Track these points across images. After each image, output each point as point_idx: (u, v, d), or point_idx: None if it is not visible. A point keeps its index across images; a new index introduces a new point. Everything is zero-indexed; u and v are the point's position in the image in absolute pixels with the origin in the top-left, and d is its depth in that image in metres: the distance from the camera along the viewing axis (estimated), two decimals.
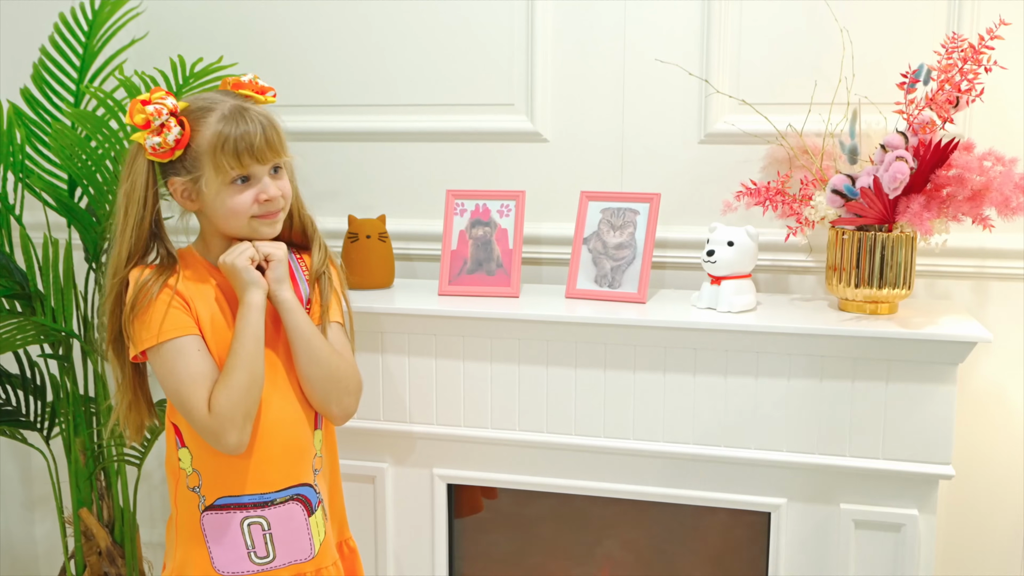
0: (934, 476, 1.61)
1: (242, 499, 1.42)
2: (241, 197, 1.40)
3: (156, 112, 1.36)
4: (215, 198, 1.40)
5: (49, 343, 1.98)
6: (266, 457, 1.43)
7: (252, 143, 1.38)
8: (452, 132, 2.08)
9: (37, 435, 2.13)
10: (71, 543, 2.12)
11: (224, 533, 1.42)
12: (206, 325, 1.42)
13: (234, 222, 1.42)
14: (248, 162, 1.39)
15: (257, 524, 1.43)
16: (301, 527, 1.46)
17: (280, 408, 1.45)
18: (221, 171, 1.38)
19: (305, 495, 1.46)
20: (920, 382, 1.60)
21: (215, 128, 1.37)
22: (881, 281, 1.67)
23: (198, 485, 1.43)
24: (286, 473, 1.45)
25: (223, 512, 1.42)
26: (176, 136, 1.36)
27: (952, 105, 1.61)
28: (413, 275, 2.12)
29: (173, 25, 2.16)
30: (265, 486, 1.43)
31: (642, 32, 1.94)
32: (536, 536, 1.92)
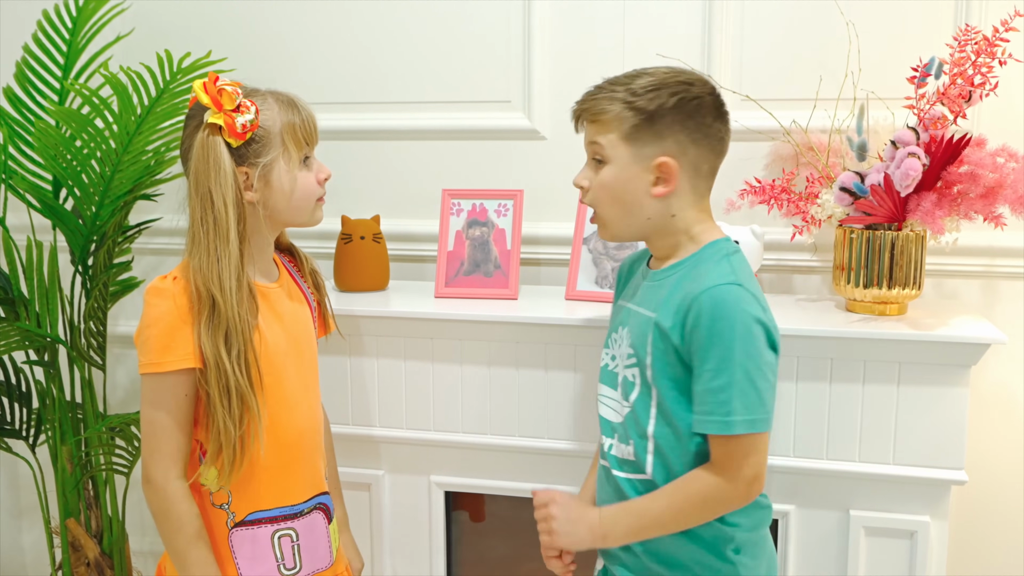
0: (946, 482, 1.57)
1: (273, 512, 1.40)
2: (310, 176, 1.41)
3: (234, 92, 1.32)
4: (289, 180, 1.38)
5: (34, 349, 1.93)
6: (297, 469, 1.42)
7: (315, 124, 1.41)
8: (447, 130, 2.04)
9: (23, 444, 2.08)
10: (58, 554, 2.07)
11: (254, 548, 1.39)
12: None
13: (304, 205, 1.41)
14: (312, 141, 1.41)
15: (287, 536, 1.41)
16: (323, 535, 1.45)
17: (307, 418, 1.45)
18: (299, 148, 1.38)
19: (325, 503, 1.47)
20: (932, 385, 1.55)
21: (280, 110, 1.36)
22: (891, 281, 1.63)
23: (227, 502, 1.38)
24: (311, 483, 1.45)
25: (253, 527, 1.39)
26: (253, 115, 1.33)
27: (965, 100, 1.57)
28: (408, 277, 2.08)
29: (159, 21, 2.12)
30: (295, 497, 1.42)
31: (642, 26, 1.91)
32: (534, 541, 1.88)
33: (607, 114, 1.29)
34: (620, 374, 1.35)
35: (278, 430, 1.38)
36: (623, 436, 1.34)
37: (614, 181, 1.30)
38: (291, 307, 1.45)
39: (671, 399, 1.28)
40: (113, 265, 1.93)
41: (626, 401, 1.33)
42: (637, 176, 1.29)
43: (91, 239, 1.89)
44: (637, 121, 1.27)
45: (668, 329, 1.26)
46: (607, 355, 1.40)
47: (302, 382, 1.44)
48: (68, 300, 1.97)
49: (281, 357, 1.40)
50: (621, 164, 1.29)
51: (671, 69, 1.32)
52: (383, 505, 1.85)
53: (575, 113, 1.35)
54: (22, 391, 2.06)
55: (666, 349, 1.27)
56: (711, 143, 1.31)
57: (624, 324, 1.36)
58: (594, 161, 1.33)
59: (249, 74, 1.70)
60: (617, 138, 1.29)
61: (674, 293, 1.28)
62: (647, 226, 1.33)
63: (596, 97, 1.31)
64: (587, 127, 1.34)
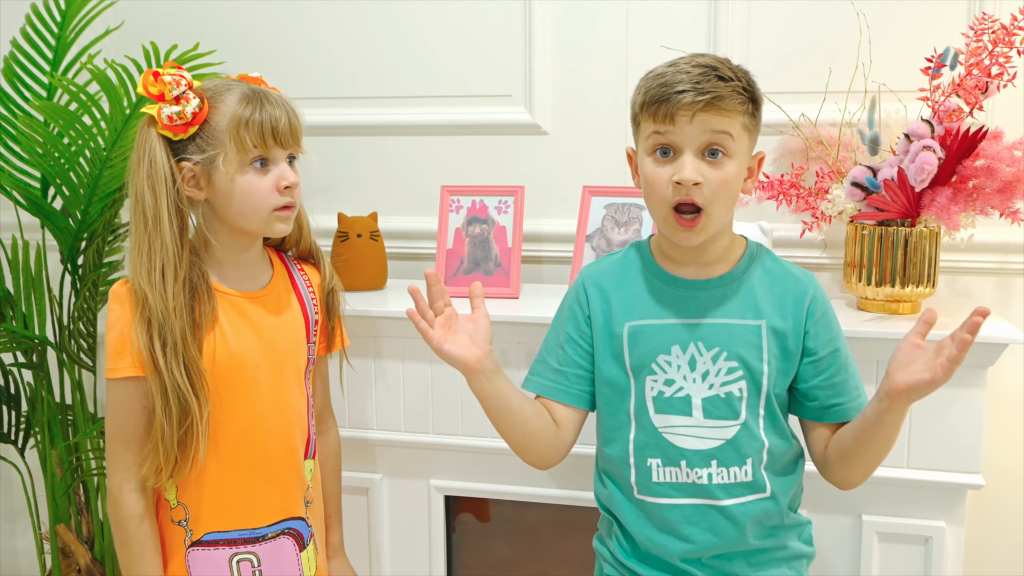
0: (962, 486, 1.53)
1: (231, 534, 1.34)
2: (261, 182, 1.29)
3: (174, 82, 1.26)
4: (231, 182, 1.28)
5: (21, 351, 1.88)
6: (261, 490, 1.35)
7: (278, 123, 1.29)
8: (446, 125, 2.00)
9: (12, 448, 2.04)
10: (49, 560, 2.03)
11: (211, 570, 1.34)
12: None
13: (251, 213, 1.30)
14: (271, 143, 1.29)
15: (247, 561, 1.34)
16: (292, 563, 1.38)
17: (278, 436, 1.37)
18: (243, 149, 1.27)
19: (297, 529, 1.39)
20: (948, 386, 1.46)
21: (237, 105, 1.28)
22: (904, 279, 1.58)
23: (184, 519, 1.33)
24: (278, 506, 1.37)
25: (211, 548, 1.33)
26: (195, 108, 1.26)
27: (981, 91, 1.52)
28: (407, 276, 2.04)
29: (150, 14, 2.09)
30: (256, 520, 1.35)
31: (646, 17, 1.87)
32: (535, 543, 1.85)
33: (736, 107, 1.19)
34: (714, 393, 1.25)
35: (240, 446, 1.33)
36: (731, 459, 1.26)
37: (737, 177, 1.22)
38: (275, 320, 1.38)
39: (780, 402, 1.28)
40: (103, 264, 1.89)
41: (733, 420, 1.25)
42: (744, 171, 1.24)
43: (80, 238, 1.84)
44: (754, 113, 1.23)
45: (787, 330, 1.25)
46: (656, 381, 1.28)
47: (275, 398, 1.36)
48: (57, 300, 1.93)
49: (251, 370, 1.33)
50: (741, 158, 1.22)
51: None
52: (381, 510, 1.81)
53: (691, 102, 1.17)
54: (10, 394, 2.02)
55: (782, 351, 1.25)
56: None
57: (690, 340, 1.26)
58: (703, 155, 1.20)
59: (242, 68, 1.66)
60: (743, 131, 1.21)
61: (774, 294, 1.27)
62: (723, 228, 1.27)
63: (721, 87, 1.17)
64: (706, 116, 1.18)
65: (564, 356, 1.35)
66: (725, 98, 1.18)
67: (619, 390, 1.30)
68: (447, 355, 1.23)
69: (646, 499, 1.28)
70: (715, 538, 1.26)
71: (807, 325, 1.26)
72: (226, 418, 1.31)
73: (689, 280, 1.29)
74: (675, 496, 1.27)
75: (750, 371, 1.25)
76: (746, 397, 1.25)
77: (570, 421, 1.35)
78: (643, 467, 1.28)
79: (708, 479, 1.25)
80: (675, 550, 1.27)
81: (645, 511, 1.29)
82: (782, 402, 1.29)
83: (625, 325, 1.30)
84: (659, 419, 1.27)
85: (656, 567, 1.30)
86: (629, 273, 1.33)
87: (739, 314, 1.26)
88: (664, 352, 1.27)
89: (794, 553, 1.32)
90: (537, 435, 1.32)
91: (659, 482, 1.27)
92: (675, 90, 1.18)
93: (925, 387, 1.11)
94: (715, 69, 1.19)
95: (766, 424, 1.27)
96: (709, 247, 1.27)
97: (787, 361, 1.26)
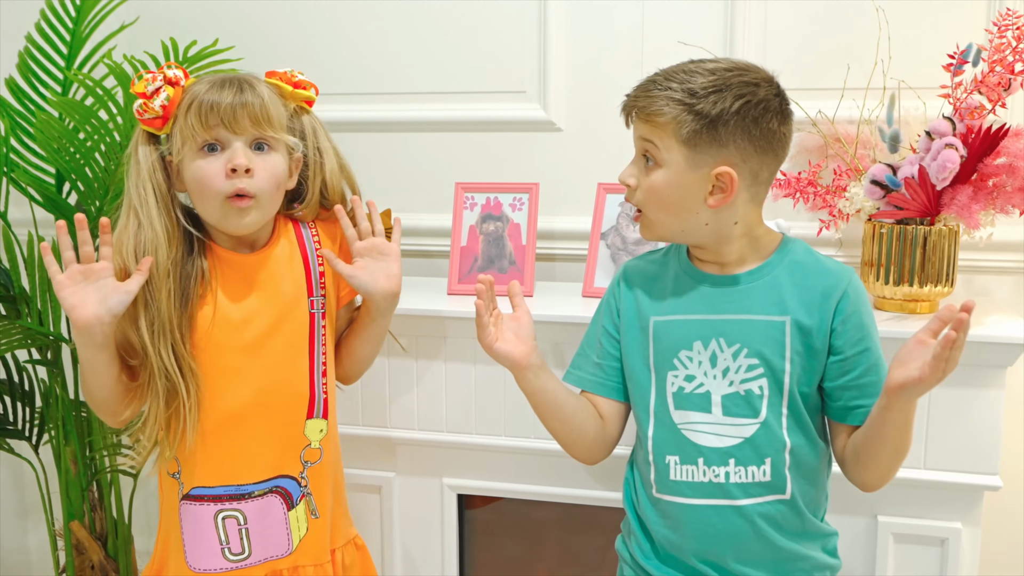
0: (979, 487, 1.52)
1: (216, 490, 1.34)
2: (209, 165, 1.26)
3: (152, 78, 1.26)
4: (187, 169, 1.27)
5: (36, 347, 1.89)
6: (246, 447, 1.34)
7: (220, 103, 1.24)
8: (460, 121, 1.99)
9: (26, 444, 2.04)
10: (62, 557, 2.04)
11: (198, 526, 1.34)
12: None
13: (204, 202, 1.28)
14: (214, 122, 1.24)
15: (232, 518, 1.34)
16: (279, 521, 1.37)
17: (266, 396, 1.35)
18: (186, 134, 1.25)
19: (285, 487, 1.37)
20: (966, 387, 1.50)
21: (203, 91, 1.26)
22: (922, 278, 1.57)
23: (177, 471, 1.34)
24: (267, 464, 1.36)
25: (197, 504, 1.34)
26: (163, 101, 1.25)
27: (1004, 88, 1.50)
28: (420, 273, 2.04)
29: (165, 9, 2.08)
30: (242, 477, 1.34)
31: (662, 13, 1.86)
32: (547, 542, 1.84)
33: (663, 115, 1.18)
34: (734, 390, 1.24)
35: (228, 404, 1.32)
36: (749, 458, 1.24)
37: (666, 186, 1.21)
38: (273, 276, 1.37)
39: (809, 401, 1.25)
40: None
41: (752, 418, 1.24)
42: (693, 184, 1.20)
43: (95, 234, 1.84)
44: (697, 126, 1.17)
45: (813, 327, 1.22)
46: (677, 376, 1.28)
47: (274, 356, 1.35)
48: None
49: (242, 330, 1.33)
50: (676, 170, 1.20)
51: (733, 64, 1.21)
52: (394, 508, 1.81)
53: (626, 107, 1.25)
54: (24, 390, 2.02)
55: (807, 349, 1.23)
56: (775, 149, 1.22)
57: (712, 336, 1.26)
58: (643, 158, 1.24)
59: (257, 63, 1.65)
60: (674, 142, 1.19)
61: (802, 288, 1.24)
62: (703, 232, 1.24)
63: (652, 94, 1.20)
64: (638, 123, 1.23)
65: (602, 350, 1.36)
66: (647, 108, 1.20)
67: (641, 385, 1.30)
68: (498, 352, 1.28)
69: (663, 497, 1.28)
70: (731, 538, 1.25)
71: (834, 322, 1.23)
72: (216, 376, 1.32)
73: (715, 275, 1.28)
74: (692, 496, 1.26)
75: (771, 368, 1.23)
76: (767, 395, 1.24)
77: (613, 414, 1.36)
78: (661, 464, 1.28)
79: (725, 478, 1.25)
80: (689, 549, 1.26)
81: (662, 510, 1.29)
82: (811, 401, 1.26)
83: (651, 319, 1.30)
84: (678, 415, 1.27)
85: (674, 568, 1.29)
86: (664, 269, 1.34)
87: (763, 310, 1.24)
88: (686, 348, 1.27)
89: (817, 564, 1.30)
90: (584, 429, 1.34)
91: (676, 480, 1.26)
92: (626, 94, 1.25)
93: (915, 385, 1.09)
94: (667, 77, 1.20)
95: (790, 423, 1.25)
96: (714, 250, 1.27)
97: (813, 359, 1.24)
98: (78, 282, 1.22)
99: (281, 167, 1.32)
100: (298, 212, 1.43)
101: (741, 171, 1.19)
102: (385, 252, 1.41)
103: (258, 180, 1.28)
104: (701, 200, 1.21)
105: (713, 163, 1.19)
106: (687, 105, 1.17)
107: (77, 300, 1.21)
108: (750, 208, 1.25)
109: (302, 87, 1.38)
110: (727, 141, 1.18)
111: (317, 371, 1.41)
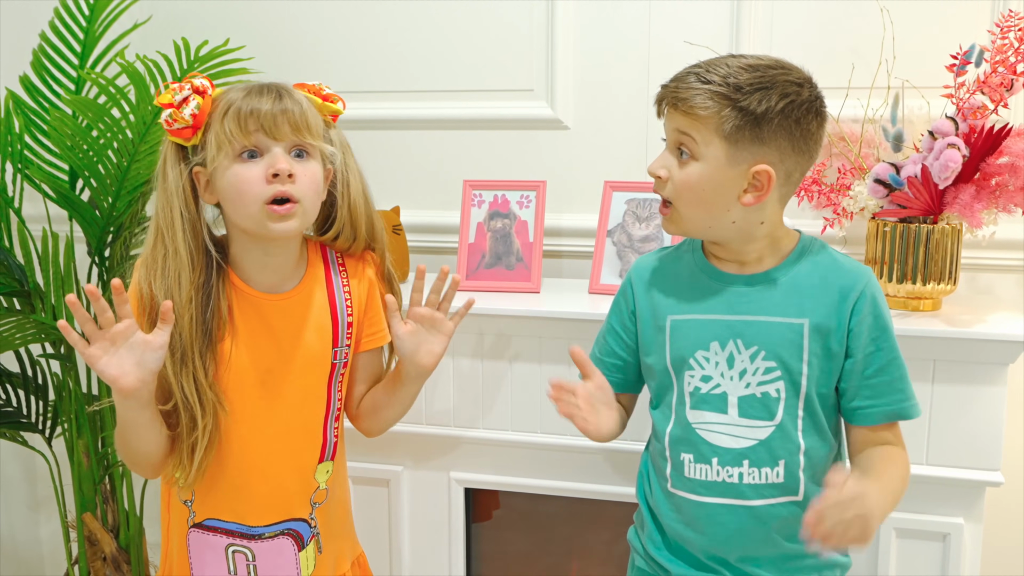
0: (981, 483, 1.53)
1: (229, 525, 1.33)
2: (249, 171, 1.22)
3: (178, 87, 1.22)
4: (223, 177, 1.22)
5: (50, 342, 1.91)
6: (257, 491, 1.32)
7: (260, 109, 1.21)
8: (469, 119, 2.01)
9: (39, 437, 2.07)
10: (75, 548, 2.06)
11: (208, 554, 1.33)
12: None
13: (242, 208, 1.22)
14: (253, 128, 1.21)
15: (242, 553, 1.33)
16: (289, 562, 1.36)
17: (280, 443, 1.33)
18: (223, 141, 1.21)
19: (297, 530, 1.36)
20: (968, 383, 1.51)
21: (238, 99, 1.22)
22: (925, 276, 1.58)
23: (190, 499, 1.33)
24: (279, 509, 1.34)
25: (209, 534, 1.33)
26: (193, 110, 1.21)
27: (1006, 88, 1.52)
28: (428, 269, 2.02)
29: (177, 8, 2.10)
30: (252, 519, 1.33)
31: (669, 13, 1.87)
32: (554, 536, 1.86)
33: (706, 109, 1.15)
34: (751, 392, 1.23)
35: (243, 448, 1.30)
36: (763, 459, 1.23)
37: (702, 181, 1.18)
38: (296, 324, 1.33)
39: (826, 402, 1.24)
40: (130, 256, 1.91)
41: (768, 421, 1.23)
42: (729, 180, 1.17)
43: (108, 230, 1.87)
44: (741, 123, 1.14)
45: (831, 328, 1.21)
46: (693, 376, 1.26)
47: (284, 405, 1.32)
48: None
49: (262, 376, 1.30)
50: (714, 165, 1.17)
51: (775, 62, 1.19)
52: (402, 501, 1.82)
53: (661, 97, 1.21)
54: (38, 384, 2.05)
55: (824, 351, 1.21)
56: (810, 150, 1.21)
57: (730, 338, 1.24)
58: (677, 150, 1.20)
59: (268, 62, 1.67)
60: (715, 136, 1.16)
61: (820, 289, 1.22)
62: (729, 230, 1.22)
63: (693, 86, 1.16)
64: (675, 115, 1.19)
65: (605, 346, 1.37)
66: (687, 100, 1.16)
67: (664, 383, 1.30)
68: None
69: (678, 493, 1.28)
70: (742, 537, 1.25)
71: (852, 323, 1.21)
72: (233, 420, 1.29)
73: (733, 275, 1.26)
74: (705, 494, 1.25)
75: (788, 371, 1.22)
76: (784, 398, 1.22)
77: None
78: (677, 461, 1.28)
79: (739, 478, 1.24)
80: (699, 544, 1.27)
81: (676, 504, 1.29)
82: (829, 402, 1.25)
83: (668, 318, 1.29)
84: (694, 415, 1.26)
85: (684, 561, 1.30)
86: (678, 266, 1.32)
87: (781, 312, 1.23)
88: (703, 348, 1.25)
89: (826, 562, 1.29)
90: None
91: (691, 478, 1.26)
92: (662, 83, 1.22)
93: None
94: (708, 70, 1.17)
95: (806, 426, 1.23)
96: (734, 248, 1.25)
97: (830, 360, 1.22)
98: (109, 350, 1.16)
99: (320, 175, 1.28)
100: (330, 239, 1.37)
101: (778, 170, 1.18)
102: (439, 328, 1.38)
103: (300, 186, 1.24)
104: (734, 197, 1.19)
105: (752, 160, 1.17)
106: (731, 100, 1.14)
107: (116, 370, 1.16)
108: (777, 208, 1.23)
109: (331, 100, 1.35)
110: (768, 140, 1.16)
111: (331, 417, 1.39)
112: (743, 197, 1.19)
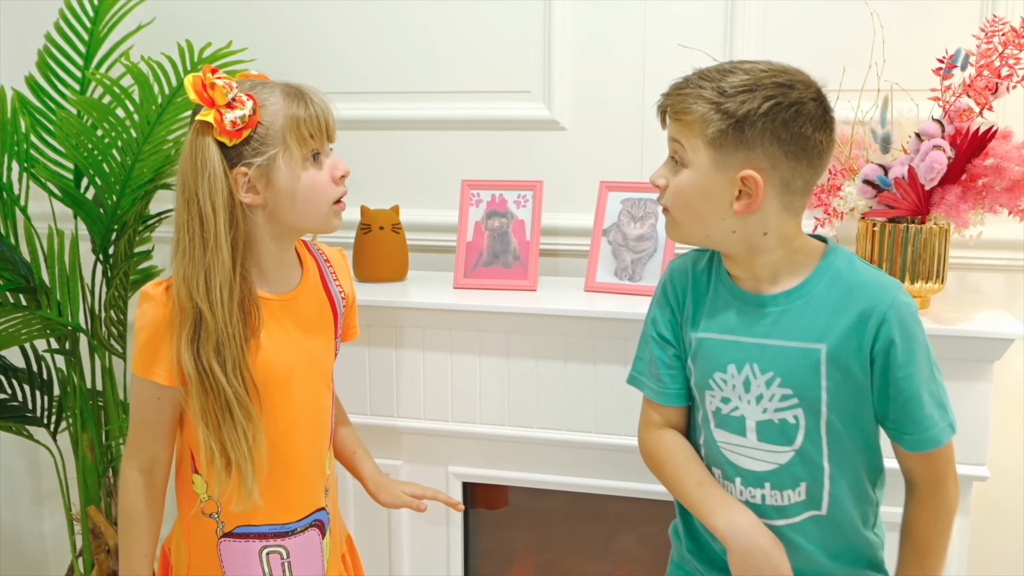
0: (968, 478, 1.55)
1: (262, 528, 1.35)
2: (320, 175, 1.28)
3: (228, 85, 1.22)
4: (295, 180, 1.25)
5: (55, 337, 1.94)
6: (294, 487, 1.36)
7: (328, 116, 1.29)
8: (467, 120, 2.03)
9: (44, 431, 2.10)
10: (79, 541, 2.09)
11: (241, 561, 1.36)
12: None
13: (314, 208, 1.28)
14: (323, 136, 1.28)
15: (276, 553, 1.36)
16: (316, 551, 1.40)
17: (313, 434, 1.38)
18: (304, 144, 1.25)
19: (321, 519, 1.41)
20: (954, 380, 1.53)
21: (286, 103, 1.25)
22: (913, 275, 1.61)
23: (216, 512, 1.35)
24: (307, 502, 1.38)
25: (241, 540, 1.35)
26: (249, 111, 1.22)
27: (991, 91, 1.54)
28: (427, 268, 2.08)
29: (180, 11, 2.12)
30: (289, 515, 1.36)
31: (663, 16, 1.89)
32: (551, 532, 1.88)
33: (691, 113, 1.13)
34: (768, 418, 1.20)
35: (273, 449, 1.31)
36: (785, 483, 1.21)
37: (691, 188, 1.16)
38: (307, 321, 1.37)
39: (846, 422, 1.19)
40: (134, 254, 1.94)
41: (787, 446, 1.20)
42: (718, 186, 1.15)
43: (112, 228, 1.89)
44: (723, 126, 1.12)
45: (850, 352, 1.16)
46: (714, 397, 1.24)
47: (307, 401, 1.36)
48: (89, 289, 1.98)
49: (286, 375, 1.33)
50: (701, 171, 1.15)
51: (772, 66, 1.15)
52: None
53: (660, 107, 1.20)
54: (43, 379, 2.07)
55: (845, 376, 1.17)
56: (809, 157, 1.14)
57: (746, 361, 1.21)
58: (672, 160, 1.19)
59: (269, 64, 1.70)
60: (700, 142, 1.14)
61: (839, 312, 1.16)
62: (731, 240, 1.18)
63: (683, 92, 1.15)
64: (670, 123, 1.19)
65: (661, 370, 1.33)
66: (679, 108, 1.16)
67: (693, 398, 1.31)
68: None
69: None
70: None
71: (874, 351, 1.16)
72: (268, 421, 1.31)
73: (752, 294, 1.22)
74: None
75: (806, 399, 1.18)
76: (803, 424, 1.19)
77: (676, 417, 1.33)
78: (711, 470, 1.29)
79: (762, 499, 1.23)
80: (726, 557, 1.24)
81: None
82: (858, 423, 1.20)
83: (693, 336, 1.27)
84: (718, 433, 1.25)
85: (715, 568, 1.30)
86: (707, 277, 1.29)
87: (798, 336, 1.18)
88: (720, 370, 1.23)
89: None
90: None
91: None
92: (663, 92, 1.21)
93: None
94: (702, 76, 1.15)
95: (832, 452, 1.20)
96: (745, 261, 1.21)
97: (852, 383, 1.17)
98: None
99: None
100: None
101: (770, 177, 1.13)
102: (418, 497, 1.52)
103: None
104: (727, 205, 1.15)
105: (739, 166, 1.13)
106: (715, 104, 1.12)
107: None
108: (783, 219, 1.17)
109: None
110: (755, 144, 1.12)
111: (333, 405, 1.45)
112: (734, 205, 1.15)
